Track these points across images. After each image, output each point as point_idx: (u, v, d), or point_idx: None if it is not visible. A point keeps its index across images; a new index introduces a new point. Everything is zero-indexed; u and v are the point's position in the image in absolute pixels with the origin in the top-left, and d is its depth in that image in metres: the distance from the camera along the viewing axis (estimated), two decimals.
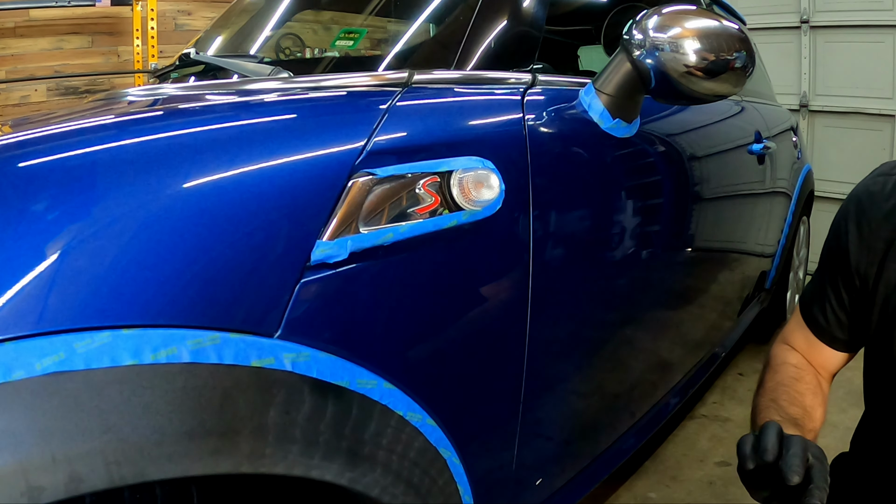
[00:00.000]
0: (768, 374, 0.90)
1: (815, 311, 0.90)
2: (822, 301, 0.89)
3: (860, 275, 0.83)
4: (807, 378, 0.87)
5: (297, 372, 0.59)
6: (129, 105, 0.87)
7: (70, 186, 0.53)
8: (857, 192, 0.87)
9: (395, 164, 0.69)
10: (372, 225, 0.65)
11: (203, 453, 0.52)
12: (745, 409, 2.00)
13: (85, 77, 2.91)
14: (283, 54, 1.50)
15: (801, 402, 0.83)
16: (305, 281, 0.60)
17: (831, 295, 0.88)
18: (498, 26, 0.98)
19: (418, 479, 0.71)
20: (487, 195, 0.76)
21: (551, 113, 0.93)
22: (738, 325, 1.97)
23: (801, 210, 2.43)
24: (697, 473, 1.65)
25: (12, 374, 0.45)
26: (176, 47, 2.70)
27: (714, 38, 0.90)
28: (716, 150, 1.52)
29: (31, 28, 2.76)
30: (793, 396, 0.83)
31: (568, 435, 1.08)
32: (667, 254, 1.30)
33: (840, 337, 0.89)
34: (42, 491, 0.44)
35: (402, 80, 0.81)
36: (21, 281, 0.47)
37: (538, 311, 0.87)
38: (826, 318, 0.89)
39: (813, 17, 3.16)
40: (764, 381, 0.89)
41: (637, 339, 1.26)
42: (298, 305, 0.60)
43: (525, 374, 0.88)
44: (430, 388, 0.73)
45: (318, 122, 0.70)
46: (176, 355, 0.51)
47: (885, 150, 3.03)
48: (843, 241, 0.85)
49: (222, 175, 0.58)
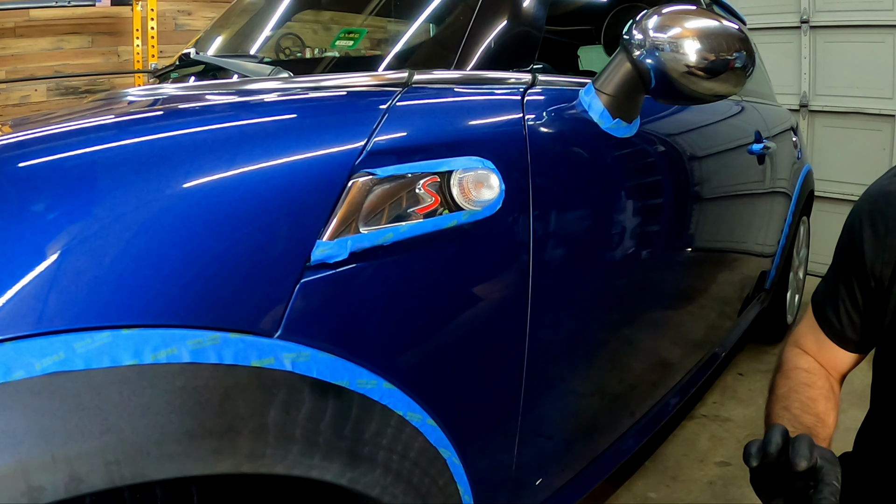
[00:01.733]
0: (780, 378, 0.89)
1: (828, 312, 0.90)
2: (835, 302, 0.88)
3: (875, 275, 0.82)
4: (818, 383, 0.86)
5: (297, 372, 0.59)
6: (129, 105, 0.87)
7: (70, 186, 0.53)
8: (872, 192, 0.86)
9: (395, 164, 0.69)
10: (372, 225, 0.65)
11: (203, 453, 0.52)
12: (745, 409, 2.00)
13: (85, 77, 2.91)
14: (283, 54, 1.50)
15: (813, 410, 0.82)
16: (305, 281, 0.60)
17: (845, 296, 0.87)
18: (498, 26, 0.98)
19: (418, 479, 0.71)
20: (487, 195, 0.76)
21: (551, 113, 0.93)
22: (738, 325, 1.97)
23: (801, 210, 2.43)
24: (697, 473, 1.65)
25: (12, 374, 0.45)
26: (176, 47, 2.70)
27: (714, 38, 0.90)
28: (716, 151, 1.52)
29: (31, 28, 2.76)
30: (805, 403, 0.82)
31: (568, 435, 1.08)
32: (667, 254, 1.30)
33: (852, 338, 0.88)
34: (42, 491, 0.44)
35: (402, 80, 0.81)
36: (21, 281, 0.47)
37: (538, 311, 0.87)
38: (839, 319, 0.88)
39: (813, 17, 3.16)
40: (775, 387, 0.88)
41: (637, 339, 1.26)
42: (298, 305, 0.60)
43: (525, 374, 0.88)
44: (430, 388, 0.73)
45: (318, 122, 0.70)
46: (176, 355, 0.51)
47: (885, 150, 3.03)
48: (857, 242, 0.84)
49: (222, 175, 0.58)
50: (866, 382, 0.88)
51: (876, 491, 0.83)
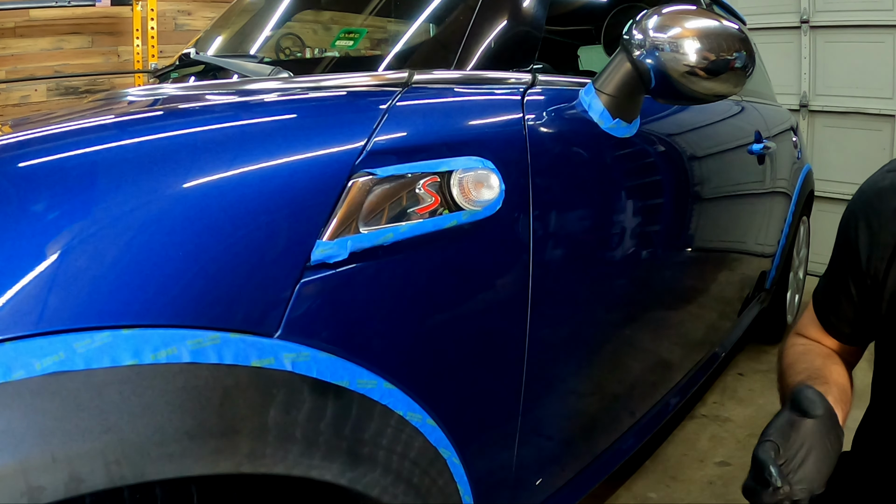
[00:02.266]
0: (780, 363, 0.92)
1: (826, 308, 0.92)
2: (833, 298, 0.90)
3: (870, 272, 0.83)
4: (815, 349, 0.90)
5: (297, 372, 0.59)
6: (129, 105, 0.87)
7: (70, 186, 0.53)
8: (865, 189, 0.87)
9: (395, 164, 0.69)
10: (372, 225, 0.65)
11: (203, 453, 0.52)
12: (744, 409, 2.00)
13: (85, 77, 2.91)
14: (283, 54, 1.50)
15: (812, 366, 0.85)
16: (305, 281, 0.60)
17: (842, 293, 0.88)
18: (498, 26, 0.98)
19: (418, 479, 0.71)
20: (487, 195, 0.76)
21: (551, 113, 0.93)
22: (738, 325, 1.97)
23: (801, 210, 2.43)
24: (697, 473, 1.65)
25: (12, 374, 0.45)
26: (176, 47, 2.71)
27: (714, 38, 0.90)
28: (716, 151, 1.52)
29: (31, 28, 2.76)
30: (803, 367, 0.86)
31: (568, 435, 1.08)
32: (667, 254, 1.30)
33: (849, 332, 0.90)
34: (42, 491, 0.44)
35: (402, 80, 0.81)
36: (21, 281, 0.47)
37: (538, 311, 0.87)
38: (837, 315, 0.90)
39: (813, 17, 3.16)
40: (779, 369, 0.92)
41: (637, 339, 1.26)
42: (298, 305, 0.60)
43: (525, 374, 0.88)
44: (430, 388, 0.73)
45: (318, 122, 0.70)
46: (176, 355, 0.51)
47: (885, 150, 3.03)
48: (852, 239, 0.85)
49: (222, 175, 0.58)
50: (866, 382, 0.88)
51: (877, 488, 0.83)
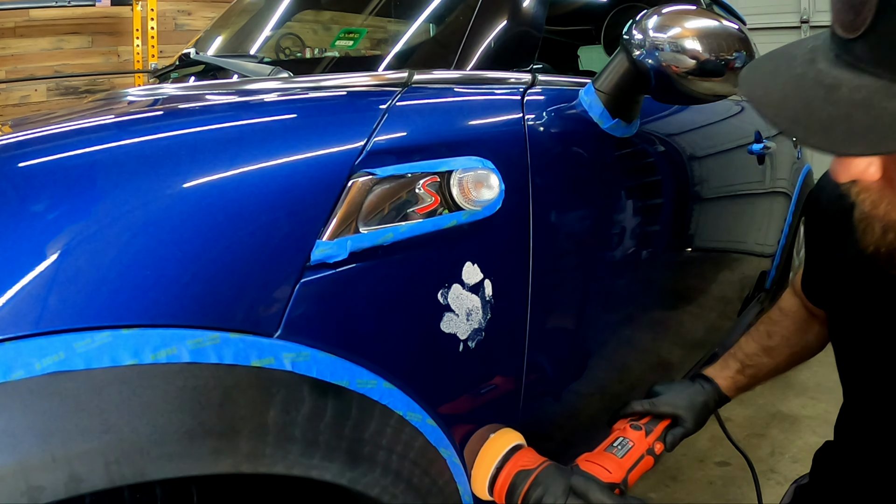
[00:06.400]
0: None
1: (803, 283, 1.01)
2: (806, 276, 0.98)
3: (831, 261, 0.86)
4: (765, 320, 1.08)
5: (297, 372, 0.59)
6: (129, 105, 0.87)
7: (70, 186, 0.53)
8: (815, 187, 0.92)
9: (395, 163, 0.69)
10: (372, 225, 0.65)
11: (203, 453, 0.52)
12: (744, 409, 2.00)
13: (85, 77, 2.91)
14: (283, 54, 1.50)
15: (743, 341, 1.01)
16: (305, 281, 0.60)
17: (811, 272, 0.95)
18: (498, 26, 0.98)
19: (418, 479, 0.72)
20: (487, 195, 0.76)
21: (551, 113, 0.93)
22: (738, 325, 1.96)
23: (801, 210, 2.43)
24: (697, 473, 1.65)
25: (12, 374, 0.45)
26: (176, 47, 2.71)
27: (714, 38, 0.90)
28: (716, 150, 1.52)
29: (31, 28, 2.76)
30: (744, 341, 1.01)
31: (568, 435, 1.08)
32: (667, 254, 1.30)
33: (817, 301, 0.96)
34: (42, 491, 0.44)
35: (402, 80, 0.81)
36: (21, 281, 0.47)
37: (538, 311, 0.87)
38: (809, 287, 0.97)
39: (813, 17, 3.17)
40: None
41: (637, 338, 1.26)
42: (298, 305, 0.60)
43: (525, 373, 0.88)
44: (430, 388, 0.73)
45: (317, 122, 0.70)
46: (176, 355, 0.51)
47: None
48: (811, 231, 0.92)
49: (222, 175, 0.58)
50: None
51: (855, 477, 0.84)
